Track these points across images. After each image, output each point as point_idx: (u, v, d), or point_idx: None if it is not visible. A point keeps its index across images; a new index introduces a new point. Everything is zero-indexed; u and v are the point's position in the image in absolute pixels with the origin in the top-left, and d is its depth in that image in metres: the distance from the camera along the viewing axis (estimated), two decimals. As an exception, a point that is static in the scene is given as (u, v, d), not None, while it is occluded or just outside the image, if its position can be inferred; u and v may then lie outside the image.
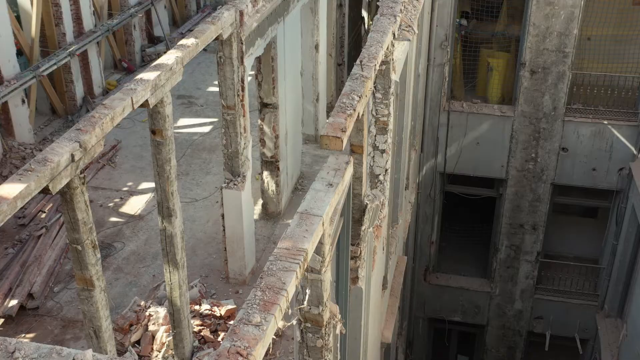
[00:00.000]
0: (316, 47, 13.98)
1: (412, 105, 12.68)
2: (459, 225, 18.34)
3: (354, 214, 7.29)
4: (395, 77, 8.84)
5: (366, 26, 20.50)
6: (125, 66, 18.28)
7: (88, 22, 16.05)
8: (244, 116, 9.70)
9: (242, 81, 9.50)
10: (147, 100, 6.87)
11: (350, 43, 17.39)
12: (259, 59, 10.87)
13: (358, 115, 6.47)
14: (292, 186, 12.89)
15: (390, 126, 9.01)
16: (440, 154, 16.83)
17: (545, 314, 18.01)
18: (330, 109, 16.11)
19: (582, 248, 18.41)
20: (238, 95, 9.46)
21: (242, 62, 9.37)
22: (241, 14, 9.12)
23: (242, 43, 9.26)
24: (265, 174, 11.96)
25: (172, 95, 7.76)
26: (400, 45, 8.64)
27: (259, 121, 11.64)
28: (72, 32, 15.54)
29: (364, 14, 20.00)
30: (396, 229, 11.64)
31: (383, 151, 9.07)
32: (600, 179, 16.18)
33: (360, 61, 6.99)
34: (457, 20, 15.77)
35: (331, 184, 5.28)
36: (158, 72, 7.07)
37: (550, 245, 17.79)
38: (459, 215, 18.34)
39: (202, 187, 13.32)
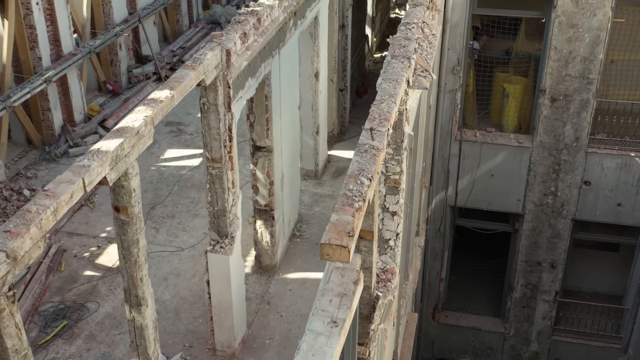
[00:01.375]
0: (316, 75, 12.64)
1: (423, 143, 11.34)
2: (470, 260, 16.97)
3: (362, 309, 5.95)
4: (408, 129, 7.49)
5: (370, 43, 19.16)
6: (110, 88, 16.94)
7: (67, 43, 14.70)
8: (232, 169, 8.35)
9: (230, 130, 8.15)
10: (105, 178, 5.51)
11: (353, 65, 16.05)
12: (250, 98, 9.52)
13: (368, 203, 5.12)
14: (289, 233, 11.54)
15: (403, 185, 7.66)
16: (451, 187, 15.48)
17: (563, 357, 16.66)
18: (332, 139, 14.77)
19: (603, 284, 17.08)
20: (225, 146, 8.12)
21: (229, 108, 8.02)
22: (228, 53, 7.77)
23: (229, 87, 7.91)
24: (259, 223, 10.61)
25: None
26: (415, 92, 7.32)
27: (252, 166, 10.28)
28: (49, 56, 14.19)
29: (368, 30, 18.66)
30: (406, 286, 10.30)
31: (394, 213, 7.72)
32: (625, 215, 14.84)
33: (371, 128, 5.64)
34: (471, 42, 14.42)
35: (335, 322, 3.92)
36: (120, 140, 5.72)
37: (568, 280, 16.43)
38: (471, 250, 16.98)
39: (189, 232, 11.97)
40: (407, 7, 9.36)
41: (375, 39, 19.78)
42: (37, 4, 13.56)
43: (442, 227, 15.97)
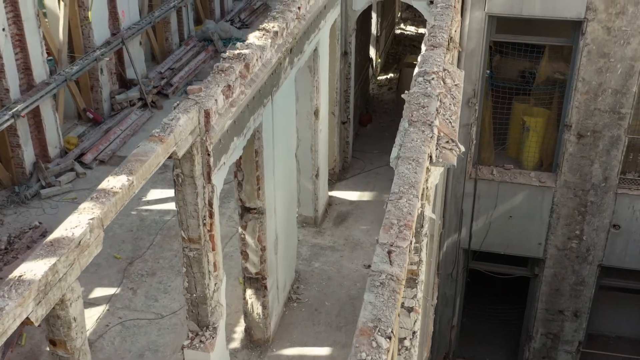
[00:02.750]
0: (315, 113, 11.19)
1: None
2: (484, 305, 15.51)
3: None
4: (429, 211, 6.04)
5: (374, 65, 17.70)
6: (91, 117, 15.48)
7: (40, 72, 13.25)
8: (213, 250, 6.89)
9: (210, 205, 6.69)
10: (29, 318, 4.06)
11: (356, 92, 14.59)
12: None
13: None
14: (284, 298, 10.07)
15: (422, 276, 6.21)
16: (465, 228, 14.01)
17: (586, 412, 15.19)
18: (333, 177, 13.31)
19: (628, 327, 15.64)
20: (205, 224, 6.66)
21: (209, 179, 6.56)
22: (207, 115, 6.31)
23: (209, 154, 6.45)
24: (249, 292, 9.15)
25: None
26: (438, 169, 5.88)
27: (240, 229, 8.82)
28: (18, 87, 12.74)
29: (372, 51, 17.19)
30: (420, 367, 8.83)
31: (411, 309, 6.25)
32: (658, 261, 13.38)
33: (389, 249, 4.19)
34: (488, 72, 12.97)
35: None
36: (53, 260, 4.25)
37: (591, 324, 14.98)
38: (485, 294, 15.52)
39: (170, 294, 10.51)
40: (423, 47, 7.91)
41: (379, 60, 18.33)
42: (4, 29, 12.11)
43: (454, 272, 14.50)
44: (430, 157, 5.67)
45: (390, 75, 18.29)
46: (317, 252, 11.44)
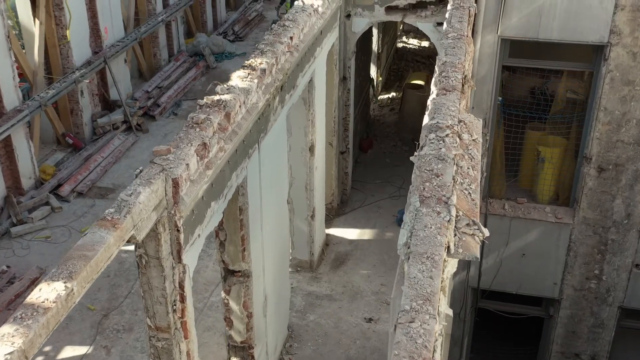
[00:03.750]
0: (311, 149, 10.09)
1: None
2: (494, 346, 14.41)
3: None
4: (445, 305, 4.94)
5: (375, 83, 16.60)
6: (70, 142, 14.38)
7: (11, 98, 12.16)
8: (186, 338, 5.79)
9: (182, 287, 5.58)
10: None
11: (356, 117, 13.49)
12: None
13: None
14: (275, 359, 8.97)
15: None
16: (474, 266, 12.90)
17: None
18: (331, 212, 12.22)
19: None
20: (175, 310, 5.56)
21: (179, 259, 5.46)
22: (176, 184, 5.21)
23: (178, 230, 5.34)
24: (234, 362, 8.05)
25: None
26: (455, 261, 4.80)
27: (223, 293, 7.71)
28: (-14, 116, 11.64)
29: (373, 69, 16.08)
30: None
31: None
32: (685, 304, 12.28)
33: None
34: (499, 98, 11.87)
35: None
36: None
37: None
38: (494, 333, 14.42)
39: (148, 354, 9.38)
40: (434, 91, 6.82)
41: (380, 78, 17.22)
42: (-32, 54, 11.03)
43: (462, 312, 13.39)
44: (448, 247, 4.57)
45: (392, 94, 17.19)
46: (313, 302, 10.34)
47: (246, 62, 7.36)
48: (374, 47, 15.88)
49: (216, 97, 6.39)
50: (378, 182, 13.52)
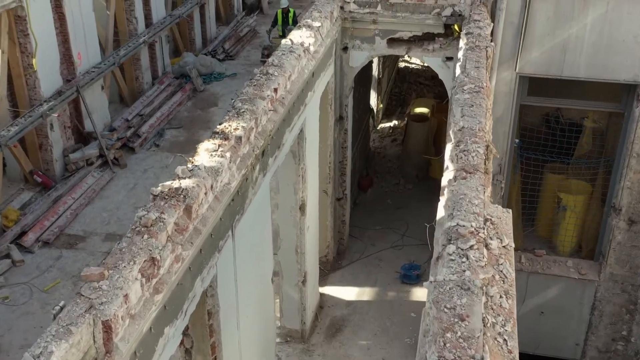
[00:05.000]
0: (301, 207, 8.72)
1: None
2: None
3: None
4: None
5: (375, 111, 15.23)
6: (39, 180, 12.99)
7: (-34, 139, 10.78)
8: None
9: None
10: None
11: (355, 154, 12.12)
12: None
13: None
14: None
15: None
16: (486, 325, 11.49)
17: None
18: (326, 266, 10.87)
19: None
20: None
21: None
22: (108, 329, 3.84)
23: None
24: None
25: None
26: None
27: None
28: None
29: (373, 96, 14.70)
30: None
31: None
32: None
33: None
34: (516, 140, 10.52)
35: None
36: None
37: None
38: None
39: None
40: (449, 170, 5.46)
41: (381, 105, 15.84)
42: None
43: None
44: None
45: (394, 122, 15.81)
46: (305, 381, 8.97)
47: (218, 126, 5.99)
48: (374, 71, 14.51)
49: (174, 184, 5.02)
50: (379, 229, 12.15)
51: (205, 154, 5.55)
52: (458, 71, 7.70)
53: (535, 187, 10.98)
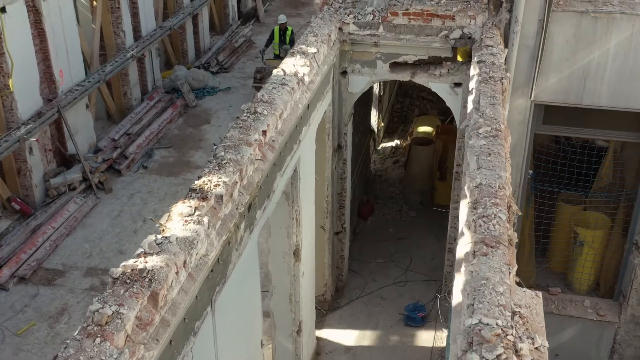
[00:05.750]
0: (295, 253, 7.89)
1: None
2: None
3: None
4: None
5: (376, 129, 14.39)
6: (17, 208, 12.17)
7: None
8: None
9: None
10: None
11: (354, 181, 11.29)
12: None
13: None
14: None
15: None
16: (496, 367, 10.65)
17: None
18: (323, 306, 10.04)
19: None
20: None
21: None
22: None
23: None
24: None
25: None
26: None
27: None
28: None
29: (373, 115, 13.86)
30: None
31: None
32: None
33: None
34: (530, 172, 9.69)
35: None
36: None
37: None
38: None
39: None
40: (466, 240, 4.63)
41: (382, 124, 15.00)
42: None
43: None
44: None
45: (396, 142, 14.96)
46: None
47: (196, 182, 5.16)
48: (375, 89, 13.67)
49: (139, 263, 4.18)
50: (380, 262, 11.31)
51: (179, 219, 4.71)
52: (470, 106, 6.87)
53: (550, 220, 10.15)
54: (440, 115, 15.27)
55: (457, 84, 9.01)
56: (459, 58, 8.88)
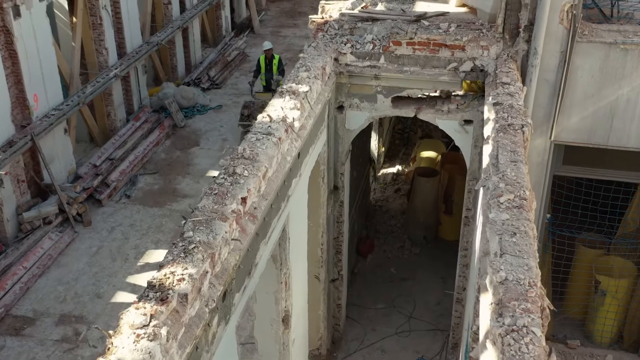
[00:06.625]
0: (285, 320, 6.90)
1: None
2: None
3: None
4: None
5: (377, 154, 13.42)
6: (-14, 245, 11.19)
7: None
8: None
9: None
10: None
11: (352, 217, 10.32)
12: None
13: None
14: None
15: None
16: None
17: None
18: (320, 355, 9.07)
19: None
20: None
21: None
22: None
23: None
24: None
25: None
26: None
27: None
28: None
29: (373, 140, 12.89)
30: None
31: None
32: None
33: None
34: (548, 215, 8.73)
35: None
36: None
37: None
38: None
39: None
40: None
41: (383, 148, 14.03)
42: None
43: None
44: None
45: (398, 167, 13.98)
46: None
47: (154, 276, 4.18)
48: (375, 113, 12.66)
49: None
50: (381, 308, 10.34)
51: (130, 333, 3.73)
52: (486, 159, 5.90)
53: (569, 263, 9.19)
54: (445, 138, 14.30)
55: (468, 121, 8.03)
56: (464, 87, 7.88)
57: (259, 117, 6.29)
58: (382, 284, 10.87)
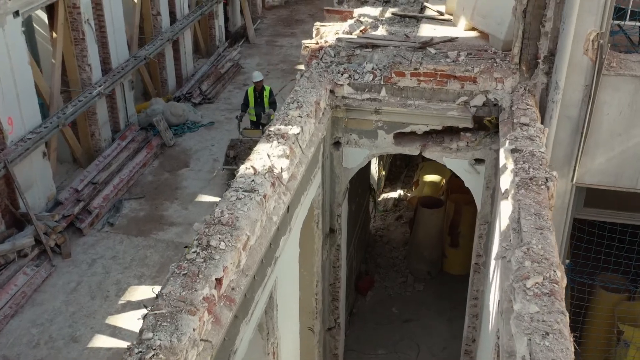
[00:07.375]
0: (274, 393, 6.04)
1: None
2: None
3: None
4: None
5: (377, 178, 12.57)
6: (-44, 281, 10.33)
7: None
8: None
9: None
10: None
11: (351, 252, 9.47)
12: None
13: None
14: None
15: None
16: None
17: None
18: None
19: None
20: None
21: None
22: None
23: None
24: None
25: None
26: None
27: None
28: None
29: (373, 163, 12.03)
30: None
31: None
32: None
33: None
34: (567, 261, 7.89)
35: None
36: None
37: None
38: None
39: None
40: None
41: (383, 172, 13.18)
42: None
43: None
44: None
45: (399, 192, 13.13)
46: None
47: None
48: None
49: None
50: (381, 354, 9.50)
51: None
52: (504, 221, 5.06)
53: (590, 315, 8.35)
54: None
55: (479, 160, 7.19)
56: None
57: (242, 167, 5.45)
58: (382, 326, 10.03)
